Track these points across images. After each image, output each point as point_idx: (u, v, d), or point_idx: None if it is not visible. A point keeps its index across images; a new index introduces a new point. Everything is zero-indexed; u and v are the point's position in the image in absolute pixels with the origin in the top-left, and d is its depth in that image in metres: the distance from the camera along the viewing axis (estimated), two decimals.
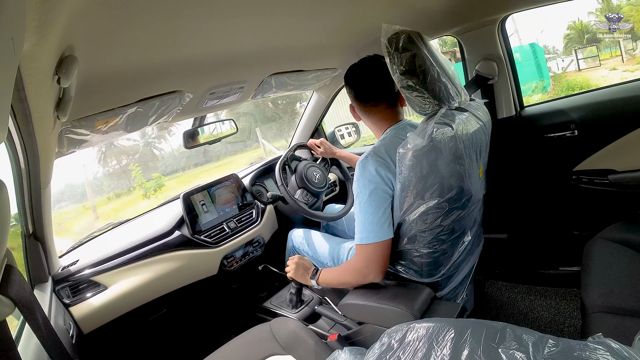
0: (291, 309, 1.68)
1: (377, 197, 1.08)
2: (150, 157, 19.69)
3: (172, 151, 20.22)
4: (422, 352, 0.65)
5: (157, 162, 19.68)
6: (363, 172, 1.09)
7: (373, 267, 1.12)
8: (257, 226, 1.91)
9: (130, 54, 0.96)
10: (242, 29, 1.08)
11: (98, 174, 19.00)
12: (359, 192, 1.10)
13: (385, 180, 1.07)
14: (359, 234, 1.11)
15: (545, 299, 1.78)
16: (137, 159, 19.20)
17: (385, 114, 1.22)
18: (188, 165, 18.61)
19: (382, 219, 1.08)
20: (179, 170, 18.26)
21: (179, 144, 18.34)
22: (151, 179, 15.50)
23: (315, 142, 1.95)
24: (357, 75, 1.21)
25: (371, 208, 1.08)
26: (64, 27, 0.64)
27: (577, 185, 1.75)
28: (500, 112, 1.83)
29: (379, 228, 1.09)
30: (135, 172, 15.83)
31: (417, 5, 1.41)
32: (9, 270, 0.61)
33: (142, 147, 19.74)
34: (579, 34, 13.01)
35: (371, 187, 1.08)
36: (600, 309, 1.08)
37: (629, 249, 1.28)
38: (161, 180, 15.46)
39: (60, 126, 1.13)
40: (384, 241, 1.09)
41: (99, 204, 15.88)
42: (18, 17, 0.46)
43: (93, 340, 1.48)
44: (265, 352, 1.12)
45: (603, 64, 11.14)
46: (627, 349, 0.54)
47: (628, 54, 11.28)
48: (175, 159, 19.47)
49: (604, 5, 11.76)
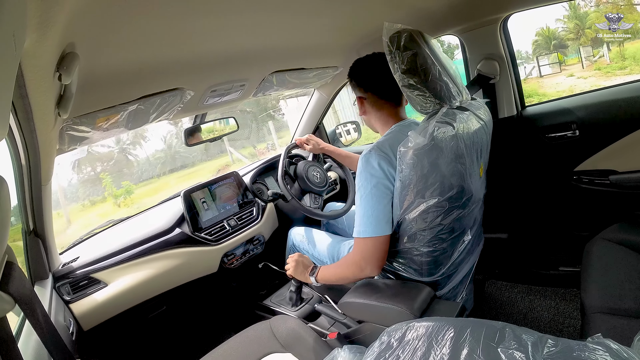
0: (291, 307, 1.69)
1: (379, 191, 1.08)
2: (125, 163, 19.51)
3: (147, 157, 20.07)
4: (422, 351, 0.65)
5: (132, 168, 19.52)
6: (366, 165, 1.10)
7: (370, 261, 1.12)
8: (257, 224, 1.91)
9: (131, 52, 0.96)
10: (243, 27, 1.08)
11: (73, 181, 18.80)
12: (361, 185, 1.11)
13: (387, 175, 1.07)
14: (358, 227, 1.12)
15: (545, 299, 1.78)
16: (112, 166, 19.07)
17: (394, 110, 1.24)
18: (163, 171, 18.52)
19: (381, 214, 1.09)
20: (154, 176, 18.12)
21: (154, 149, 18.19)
22: (121, 188, 15.46)
23: (302, 140, 1.92)
24: (374, 69, 1.22)
25: (372, 202, 1.09)
26: (65, 24, 0.64)
27: (577, 186, 1.75)
28: (502, 111, 1.83)
29: (378, 222, 1.09)
30: (106, 181, 15.87)
31: (418, 4, 1.41)
32: (9, 266, 0.61)
33: (117, 153, 19.56)
34: (546, 41, 13.28)
35: (373, 182, 1.08)
36: (600, 310, 1.08)
37: (629, 250, 1.28)
38: (131, 188, 15.44)
39: (61, 123, 1.13)
40: (382, 236, 1.10)
41: (73, 211, 15.79)
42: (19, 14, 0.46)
43: (93, 337, 1.48)
44: (265, 350, 1.13)
45: (567, 69, 11.62)
46: (626, 350, 0.54)
47: (588, 61, 11.61)
48: (151, 164, 19.34)
49: (571, 12, 12.16)
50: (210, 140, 1.92)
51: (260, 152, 14.00)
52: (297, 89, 2.11)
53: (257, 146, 14.78)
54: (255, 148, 14.78)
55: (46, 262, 1.38)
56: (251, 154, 14.25)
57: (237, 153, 14.15)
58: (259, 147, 14.68)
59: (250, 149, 15.01)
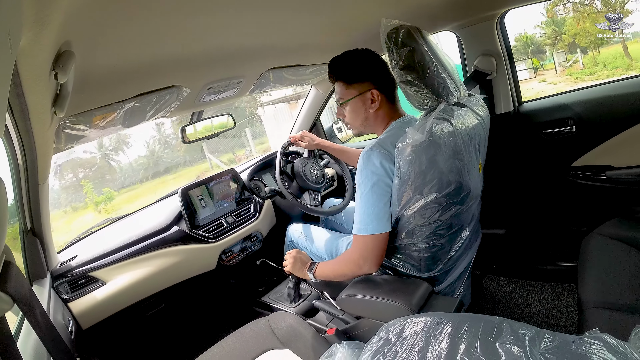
0: (289, 304, 1.69)
1: (379, 189, 1.08)
2: (108, 169, 19.30)
3: (130, 163, 19.85)
4: (420, 346, 0.65)
5: (114, 174, 19.30)
6: (367, 163, 1.09)
7: (368, 258, 1.12)
8: (255, 221, 1.91)
9: (127, 49, 0.95)
10: (240, 24, 1.08)
11: (55, 187, 18.49)
12: (361, 182, 1.10)
13: (388, 173, 1.07)
14: (358, 224, 1.11)
15: (542, 294, 1.79)
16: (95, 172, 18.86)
17: (394, 107, 1.22)
18: (146, 176, 18.34)
19: (382, 212, 1.09)
20: (137, 182, 17.96)
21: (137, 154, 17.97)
22: (102, 194, 15.36)
23: (296, 137, 1.89)
24: (381, 64, 1.20)
25: (372, 200, 1.08)
26: (61, 22, 0.63)
27: (574, 181, 1.76)
28: (499, 107, 1.83)
29: (378, 220, 1.09)
30: (87, 188, 15.78)
31: (416, 0, 1.40)
32: (7, 266, 0.61)
33: (100, 159, 19.34)
34: (524, 46, 13.44)
35: (374, 179, 1.08)
36: (597, 305, 1.09)
37: (626, 245, 1.29)
38: (112, 195, 15.35)
39: (57, 122, 1.12)
40: (382, 234, 1.10)
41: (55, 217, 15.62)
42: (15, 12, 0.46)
43: (92, 335, 1.48)
44: (264, 347, 1.13)
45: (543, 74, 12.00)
46: (623, 344, 0.54)
47: (561, 66, 11.97)
48: (134, 170, 19.16)
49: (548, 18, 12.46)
50: (207, 137, 1.91)
51: (239, 158, 13.94)
52: (293, 85, 2.11)
53: (236, 152, 14.70)
54: (234, 154, 14.69)
55: (44, 261, 1.38)
56: (230, 160, 14.15)
57: (216, 159, 14.05)
58: (238, 153, 14.60)
59: (230, 155, 14.92)
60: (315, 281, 1.36)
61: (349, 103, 1.22)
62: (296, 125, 2.49)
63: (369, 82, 1.18)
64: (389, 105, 1.21)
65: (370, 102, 1.19)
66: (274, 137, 13.25)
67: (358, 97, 1.20)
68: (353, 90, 1.20)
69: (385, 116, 1.22)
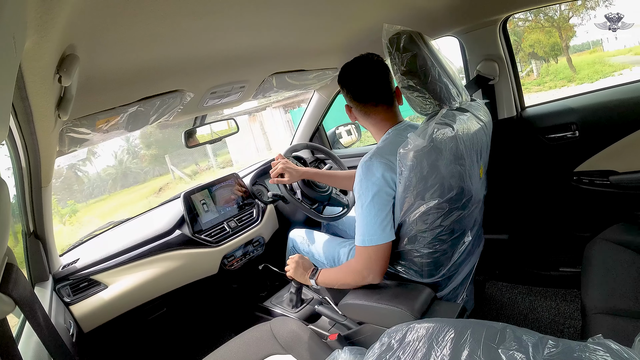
0: (291, 309, 1.68)
1: (380, 199, 1.07)
2: (75, 180, 18.79)
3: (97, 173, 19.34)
4: (422, 352, 0.65)
5: (82, 185, 18.84)
6: (367, 174, 1.08)
7: (373, 269, 1.11)
8: (257, 226, 1.91)
9: (131, 53, 0.96)
10: (243, 29, 1.08)
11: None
12: (361, 194, 1.09)
13: (389, 182, 1.06)
14: (360, 235, 1.10)
15: (546, 300, 1.77)
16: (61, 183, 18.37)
17: (386, 114, 1.20)
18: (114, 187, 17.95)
19: (384, 222, 1.08)
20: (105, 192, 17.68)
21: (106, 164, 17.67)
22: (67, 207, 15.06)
23: (276, 172, 1.57)
24: (355, 75, 1.18)
25: (374, 211, 1.07)
26: (65, 26, 0.64)
27: (577, 186, 1.75)
28: (501, 112, 1.83)
29: (381, 231, 1.08)
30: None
31: (418, 5, 1.41)
32: (9, 268, 0.61)
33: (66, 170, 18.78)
34: None
35: (374, 190, 1.07)
36: (601, 310, 1.08)
37: (630, 251, 1.28)
38: (75, 207, 15.10)
39: (61, 125, 1.13)
40: (385, 244, 1.09)
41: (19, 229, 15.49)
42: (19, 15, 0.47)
43: (93, 338, 1.48)
44: (265, 352, 1.12)
45: None
46: (627, 350, 0.54)
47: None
48: (102, 180, 18.89)
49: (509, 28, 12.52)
50: (210, 142, 1.92)
51: (202, 169, 13.93)
52: (296, 90, 2.11)
53: (199, 163, 14.65)
54: (197, 165, 14.63)
55: (46, 264, 1.38)
56: (193, 172, 14.09)
57: (179, 171, 13.95)
58: (201, 164, 14.57)
59: (193, 166, 14.83)
60: (317, 287, 1.35)
61: (348, 109, 1.27)
62: (299, 130, 2.49)
63: (347, 94, 1.22)
64: (382, 113, 1.19)
65: (350, 113, 1.24)
66: (234, 150, 13.34)
67: (347, 106, 1.26)
68: (346, 100, 1.25)
69: (380, 123, 1.21)
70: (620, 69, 9.89)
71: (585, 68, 10.22)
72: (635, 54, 10.58)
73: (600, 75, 9.83)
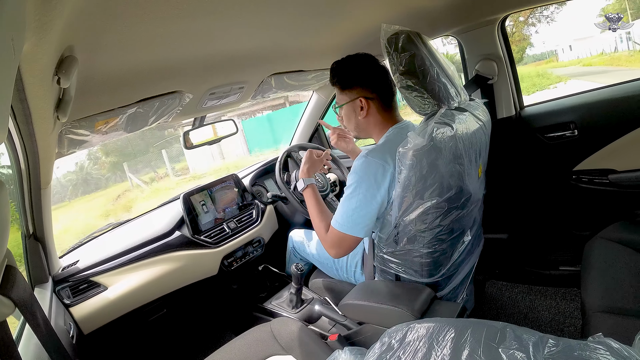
0: (291, 309, 1.68)
1: (364, 197, 1.09)
2: None
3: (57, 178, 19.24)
4: (423, 352, 0.65)
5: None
6: (363, 168, 1.10)
7: (334, 248, 1.18)
8: (257, 226, 1.91)
9: (130, 55, 0.96)
10: (242, 30, 1.08)
11: None
12: (352, 183, 1.12)
13: (380, 185, 1.08)
14: (338, 218, 1.14)
15: (546, 299, 1.78)
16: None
17: (393, 113, 1.22)
18: (75, 193, 17.79)
19: (358, 218, 1.11)
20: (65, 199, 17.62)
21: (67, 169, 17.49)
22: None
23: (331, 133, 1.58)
24: (376, 68, 1.18)
25: (353, 204, 1.10)
26: (64, 27, 0.64)
27: (577, 185, 1.75)
28: (500, 112, 1.83)
29: (352, 223, 1.11)
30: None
31: (416, 5, 1.41)
32: (9, 270, 0.60)
33: None
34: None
35: (362, 187, 1.09)
36: (601, 309, 1.08)
37: (629, 249, 1.28)
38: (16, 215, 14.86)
39: (60, 127, 1.13)
40: (352, 236, 1.12)
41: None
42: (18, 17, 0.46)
43: (93, 340, 1.48)
44: (266, 353, 1.12)
45: None
46: (627, 349, 0.54)
47: None
48: (63, 186, 18.80)
49: None
50: (209, 143, 1.91)
51: (160, 176, 13.92)
52: (296, 91, 2.11)
53: (157, 171, 14.60)
54: (156, 173, 14.58)
55: (46, 266, 1.38)
56: (151, 179, 14.02)
57: (136, 179, 13.78)
58: (159, 171, 14.53)
59: (152, 174, 14.75)
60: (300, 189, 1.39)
61: (343, 108, 1.24)
62: (298, 130, 2.49)
63: (360, 88, 1.19)
64: (383, 112, 1.20)
65: (359, 110, 1.20)
66: (191, 158, 13.40)
67: (349, 104, 1.22)
68: (345, 97, 1.22)
69: (378, 123, 1.21)
70: (556, 82, 10.17)
71: (526, 80, 10.33)
72: (583, 65, 10.91)
73: (537, 87, 10.02)
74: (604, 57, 10.71)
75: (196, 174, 12.48)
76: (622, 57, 10.01)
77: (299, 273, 1.58)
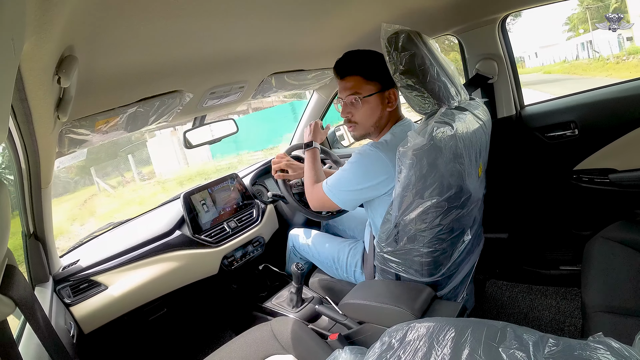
0: (291, 309, 1.68)
1: (364, 178, 1.16)
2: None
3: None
4: (423, 352, 0.65)
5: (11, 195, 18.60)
6: (371, 159, 1.14)
7: (314, 203, 1.34)
8: (257, 226, 1.91)
9: (130, 54, 0.96)
10: (242, 29, 1.08)
11: None
12: (353, 162, 1.17)
13: (378, 180, 1.13)
14: (329, 181, 1.25)
15: (546, 299, 1.78)
16: None
17: (399, 107, 1.26)
18: None
19: (346, 194, 1.20)
20: None
21: None
22: None
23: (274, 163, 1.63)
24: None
25: (349, 177, 1.19)
26: (64, 27, 0.64)
27: (577, 185, 1.75)
28: (501, 111, 1.83)
29: (340, 196, 1.21)
30: None
31: (417, 5, 1.41)
32: (10, 270, 0.61)
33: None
34: None
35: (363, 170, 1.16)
36: (601, 309, 1.08)
37: (630, 249, 1.28)
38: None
39: (60, 126, 1.13)
40: (334, 203, 1.24)
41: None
42: (18, 17, 0.46)
43: (94, 340, 1.48)
44: (266, 352, 1.12)
45: None
46: (627, 349, 0.54)
47: None
48: None
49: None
50: (210, 142, 1.91)
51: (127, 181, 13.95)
52: (296, 90, 2.11)
53: (124, 175, 14.63)
54: (123, 177, 14.58)
55: (46, 265, 1.38)
56: (119, 183, 14.02)
57: (103, 183, 13.74)
58: (126, 175, 14.54)
59: (119, 178, 14.74)
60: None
61: (369, 99, 1.19)
62: (298, 130, 2.49)
63: (385, 80, 1.17)
64: (398, 107, 1.24)
65: (387, 102, 1.20)
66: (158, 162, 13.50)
67: (378, 94, 1.19)
68: (372, 87, 1.18)
69: (394, 116, 1.24)
70: None
71: None
72: (545, 72, 10.93)
73: None
74: (565, 65, 10.80)
75: (162, 177, 13.00)
76: (581, 65, 10.09)
77: (299, 272, 1.58)
